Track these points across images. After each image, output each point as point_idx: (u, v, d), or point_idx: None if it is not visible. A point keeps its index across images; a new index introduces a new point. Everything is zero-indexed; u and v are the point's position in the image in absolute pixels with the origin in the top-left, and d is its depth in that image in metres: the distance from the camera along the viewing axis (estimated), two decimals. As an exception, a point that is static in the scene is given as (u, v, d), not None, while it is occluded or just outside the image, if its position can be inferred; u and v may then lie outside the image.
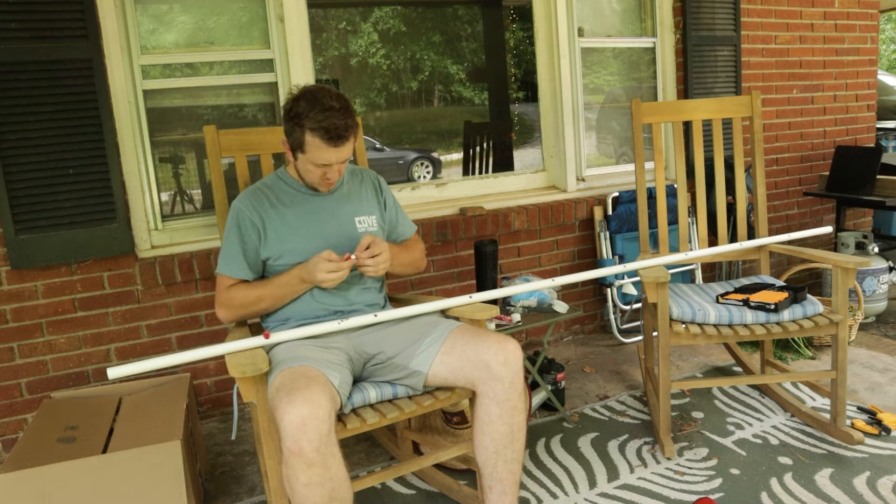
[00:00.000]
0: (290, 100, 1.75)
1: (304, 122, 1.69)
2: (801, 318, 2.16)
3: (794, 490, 1.95)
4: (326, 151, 1.72)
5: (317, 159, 1.74)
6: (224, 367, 2.62)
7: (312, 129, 1.69)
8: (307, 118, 1.69)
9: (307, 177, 1.84)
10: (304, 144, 1.73)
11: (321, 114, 1.68)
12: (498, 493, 1.72)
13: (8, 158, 2.21)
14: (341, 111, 1.70)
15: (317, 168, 1.78)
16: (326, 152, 1.73)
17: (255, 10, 2.67)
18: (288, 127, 1.75)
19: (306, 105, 1.70)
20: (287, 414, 1.39)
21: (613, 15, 3.42)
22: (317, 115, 1.68)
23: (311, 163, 1.76)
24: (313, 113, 1.68)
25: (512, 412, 1.67)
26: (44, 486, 1.65)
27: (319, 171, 1.79)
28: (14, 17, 2.17)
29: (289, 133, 1.76)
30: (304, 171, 1.82)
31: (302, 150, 1.75)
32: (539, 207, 3.09)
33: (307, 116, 1.69)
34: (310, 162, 1.76)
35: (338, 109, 1.70)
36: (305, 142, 1.72)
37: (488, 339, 1.68)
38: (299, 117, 1.70)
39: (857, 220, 4.15)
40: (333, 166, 1.78)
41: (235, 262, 1.83)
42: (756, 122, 2.54)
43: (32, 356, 2.39)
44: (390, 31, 8.34)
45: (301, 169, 1.83)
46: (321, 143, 1.71)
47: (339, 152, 1.74)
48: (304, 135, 1.71)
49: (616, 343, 3.24)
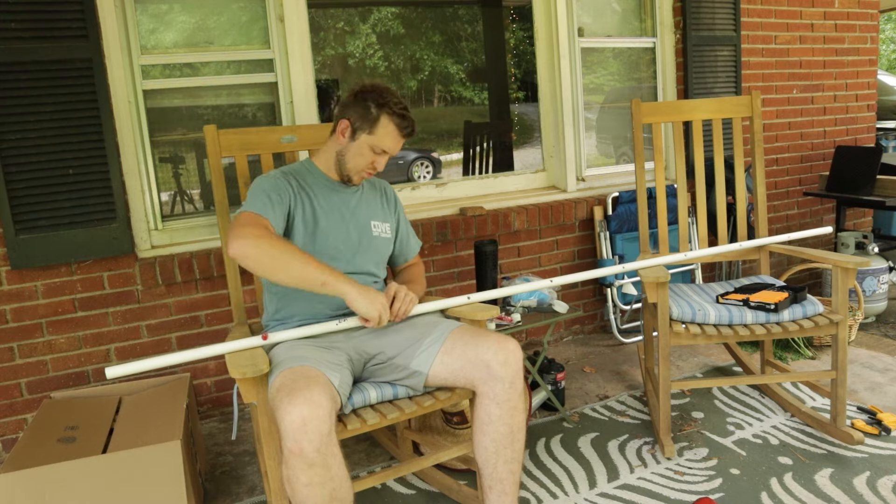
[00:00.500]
0: (364, 85, 1.81)
1: (387, 104, 1.76)
2: (801, 318, 2.16)
3: (794, 490, 1.95)
4: (394, 139, 1.79)
5: (381, 143, 1.79)
6: (224, 367, 2.62)
7: (392, 114, 1.76)
8: (389, 102, 1.76)
9: (353, 161, 1.83)
10: (375, 125, 1.77)
11: (400, 104, 1.78)
12: (498, 493, 1.72)
13: (8, 158, 2.21)
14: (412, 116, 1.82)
15: (372, 154, 1.81)
16: (393, 140, 1.80)
17: (254, 10, 2.67)
18: (360, 106, 1.78)
19: (386, 92, 1.78)
20: (288, 414, 1.39)
21: (613, 15, 3.42)
22: (397, 103, 1.77)
23: (372, 147, 1.80)
24: (394, 100, 1.77)
25: (512, 412, 1.67)
26: (44, 486, 1.65)
27: (371, 159, 1.82)
28: (14, 17, 2.17)
29: (360, 111, 1.78)
30: (355, 154, 1.82)
31: (370, 131, 1.78)
32: (539, 207, 3.09)
33: (389, 100, 1.76)
34: (370, 145, 1.80)
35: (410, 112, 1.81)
36: (379, 123, 1.77)
37: (488, 339, 1.68)
38: (382, 96, 1.76)
39: (857, 220, 4.15)
40: (384, 157, 1.83)
41: (269, 205, 1.71)
42: (756, 122, 2.54)
43: (32, 356, 2.39)
44: (389, 32, 8.34)
45: (353, 152, 1.82)
46: (394, 130, 1.78)
47: (398, 145, 1.82)
48: (380, 116, 1.76)
49: (616, 343, 3.24)
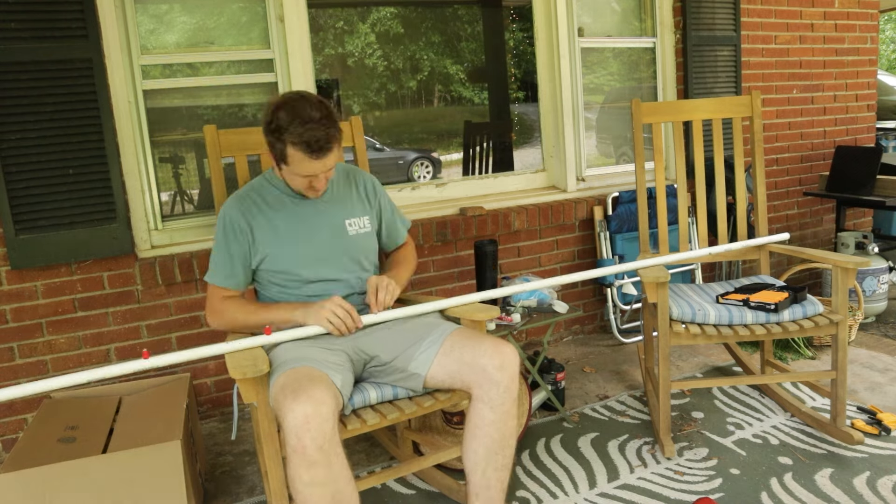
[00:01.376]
0: (270, 111, 1.69)
1: (285, 136, 1.64)
2: (801, 318, 2.16)
3: (794, 490, 1.95)
4: (310, 164, 1.68)
5: (301, 171, 1.71)
6: (224, 367, 2.62)
7: (294, 143, 1.64)
8: (287, 132, 1.64)
9: (294, 185, 1.81)
10: (286, 157, 1.68)
11: (301, 126, 1.63)
12: (484, 500, 1.70)
13: (8, 158, 2.21)
14: (322, 121, 1.65)
15: (303, 178, 1.74)
16: (310, 164, 1.68)
17: (254, 10, 2.67)
18: (269, 139, 1.70)
19: (286, 117, 1.64)
20: (291, 412, 1.39)
21: (613, 15, 3.42)
22: (297, 129, 1.63)
23: (297, 174, 1.73)
24: (293, 126, 1.63)
25: (505, 418, 1.66)
26: (44, 486, 1.65)
27: (305, 181, 1.75)
28: (14, 17, 2.17)
29: (271, 145, 1.71)
30: (289, 180, 1.79)
31: (285, 163, 1.71)
32: (539, 207, 3.09)
33: (287, 130, 1.64)
34: (294, 174, 1.73)
35: (318, 120, 1.64)
36: (288, 155, 1.67)
37: (485, 342, 1.68)
38: (280, 131, 1.65)
39: (857, 220, 4.15)
40: (319, 176, 1.74)
41: (224, 271, 1.82)
42: (756, 122, 2.54)
43: (32, 356, 2.39)
44: (389, 32, 8.34)
45: (287, 179, 1.79)
46: (303, 157, 1.66)
47: (324, 163, 1.70)
48: (285, 148, 1.66)
49: (616, 343, 3.24)
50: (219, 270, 1.82)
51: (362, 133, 2.28)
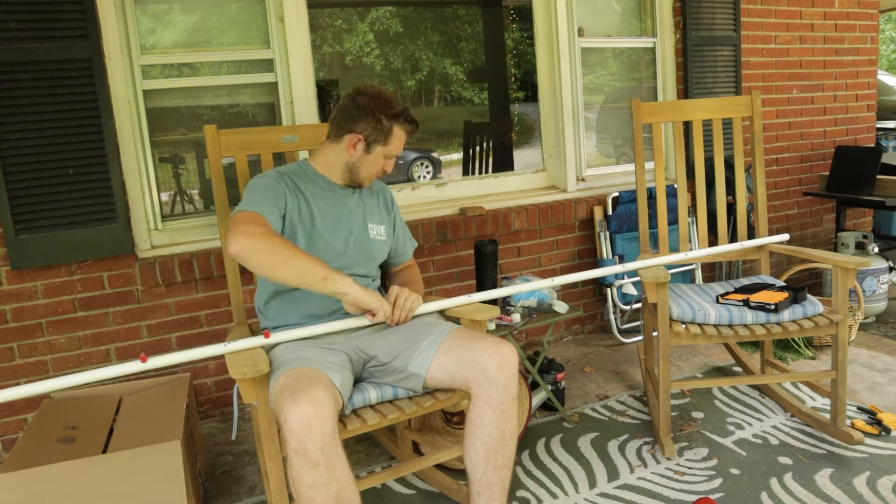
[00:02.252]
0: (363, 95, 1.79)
1: (397, 114, 1.78)
2: (801, 318, 2.16)
3: (794, 490, 1.95)
4: (403, 143, 1.84)
5: (395, 150, 1.83)
6: (224, 367, 2.62)
7: (403, 122, 1.80)
8: (393, 111, 1.78)
9: (367, 169, 1.85)
10: (390, 136, 1.80)
11: (400, 107, 1.80)
12: (486, 498, 1.71)
13: (8, 158, 2.21)
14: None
15: (384, 160, 1.85)
16: (402, 144, 1.84)
17: (254, 9, 2.67)
18: (371, 120, 1.78)
19: (385, 101, 1.78)
20: (291, 413, 1.39)
21: (613, 15, 3.42)
22: (400, 108, 1.79)
23: (386, 154, 1.83)
24: (400, 107, 1.79)
25: (504, 417, 1.67)
26: (44, 486, 1.65)
27: (383, 164, 1.85)
28: (14, 17, 2.17)
29: (371, 125, 1.78)
30: (371, 164, 1.84)
31: (385, 143, 1.81)
32: (539, 207, 3.09)
33: (392, 109, 1.78)
34: (385, 154, 1.83)
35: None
36: (393, 133, 1.80)
37: (484, 342, 1.68)
38: (391, 107, 1.77)
39: (857, 220, 4.15)
40: (393, 159, 1.87)
41: (267, 203, 1.72)
42: (756, 122, 2.54)
43: (32, 356, 2.39)
44: (388, 31, 8.33)
45: (369, 163, 1.83)
46: (404, 136, 1.83)
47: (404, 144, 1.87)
48: (393, 127, 1.79)
49: (616, 343, 3.24)
50: (257, 201, 1.72)
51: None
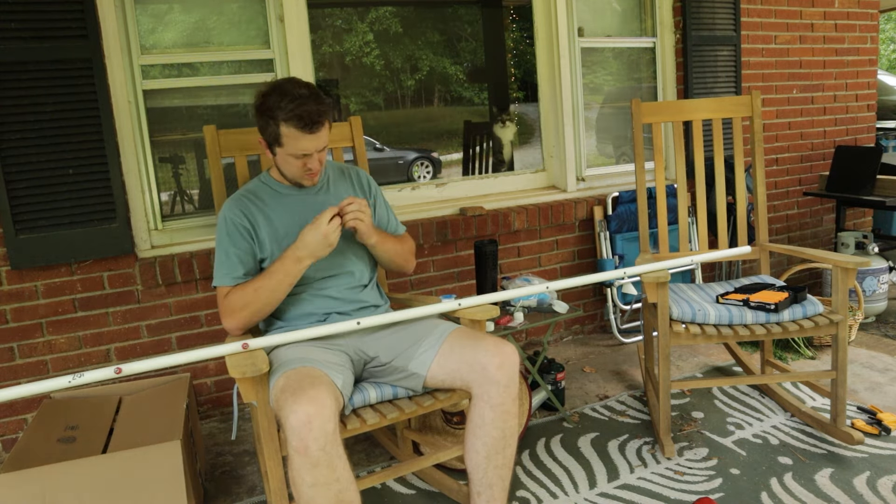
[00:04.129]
0: (260, 95, 1.74)
1: (277, 114, 1.69)
2: (801, 318, 2.16)
3: (794, 490, 1.95)
4: (303, 140, 1.71)
5: (295, 149, 1.74)
6: (224, 367, 2.61)
7: (286, 120, 1.69)
8: (279, 109, 1.68)
9: (288, 171, 1.82)
10: (280, 137, 1.72)
11: (291, 103, 1.68)
12: (486, 498, 1.70)
13: (8, 158, 2.21)
14: (312, 97, 1.70)
15: (297, 160, 1.77)
16: (303, 140, 1.72)
17: (254, 9, 2.67)
18: (261, 123, 1.75)
19: (276, 97, 1.70)
20: (293, 412, 1.39)
21: (613, 15, 3.41)
22: (287, 105, 1.68)
23: (291, 155, 1.75)
24: (284, 103, 1.68)
25: (505, 416, 1.66)
26: (44, 486, 1.65)
27: (299, 163, 1.78)
28: (14, 17, 2.17)
29: (263, 129, 1.75)
30: (284, 165, 1.81)
31: (279, 144, 1.74)
32: (539, 207, 3.09)
33: (278, 107, 1.68)
34: (289, 154, 1.75)
35: (308, 96, 1.70)
36: (281, 134, 1.72)
37: (485, 341, 1.68)
38: (271, 110, 1.70)
39: (857, 220, 4.15)
40: (313, 155, 1.77)
41: (230, 270, 1.78)
42: (756, 122, 2.54)
43: (32, 356, 2.39)
44: (388, 31, 8.33)
45: (281, 164, 1.81)
46: (297, 132, 1.70)
47: (316, 139, 1.73)
48: (278, 127, 1.70)
49: (616, 343, 3.24)
50: (225, 272, 1.79)
51: (362, 133, 2.29)
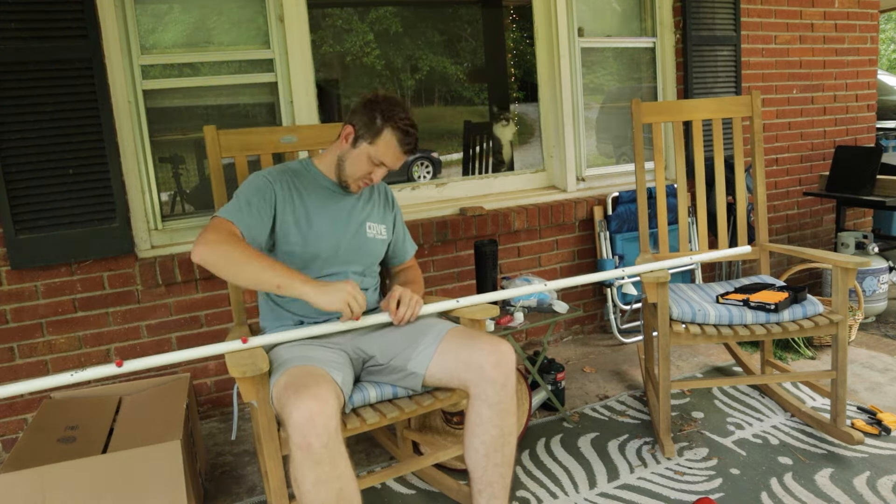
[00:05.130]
0: (378, 95, 1.78)
1: (394, 118, 1.74)
2: (801, 318, 2.16)
3: (794, 490, 1.95)
4: (394, 153, 1.77)
5: (379, 155, 1.76)
6: (224, 367, 2.62)
7: (395, 128, 1.74)
8: (397, 116, 1.74)
9: (352, 169, 1.80)
10: (378, 136, 1.75)
11: (408, 120, 1.76)
12: (487, 497, 1.71)
13: (8, 158, 2.21)
14: (416, 130, 1.79)
15: (370, 165, 1.79)
16: (393, 154, 1.77)
17: (254, 9, 2.67)
18: (367, 115, 1.76)
19: (395, 106, 1.75)
20: (295, 409, 1.39)
21: (613, 15, 3.42)
22: (404, 118, 1.75)
23: (370, 157, 1.77)
24: (402, 114, 1.75)
25: (503, 415, 1.66)
26: (44, 486, 1.65)
27: (368, 169, 1.79)
28: (14, 17, 2.17)
29: (365, 120, 1.76)
30: (353, 161, 1.79)
31: (371, 141, 1.76)
32: (539, 207, 3.09)
33: (395, 114, 1.74)
34: (369, 155, 1.77)
35: (415, 126, 1.78)
36: (381, 135, 1.75)
37: (481, 340, 1.68)
38: (391, 109, 1.74)
39: (857, 220, 4.15)
40: (382, 170, 1.80)
41: (240, 215, 1.69)
42: (756, 122, 2.54)
43: (32, 356, 2.39)
44: (388, 31, 8.33)
45: (352, 159, 1.79)
46: (395, 144, 1.75)
47: (399, 161, 1.79)
48: (384, 128, 1.74)
49: (616, 343, 3.24)
50: (234, 212, 1.70)
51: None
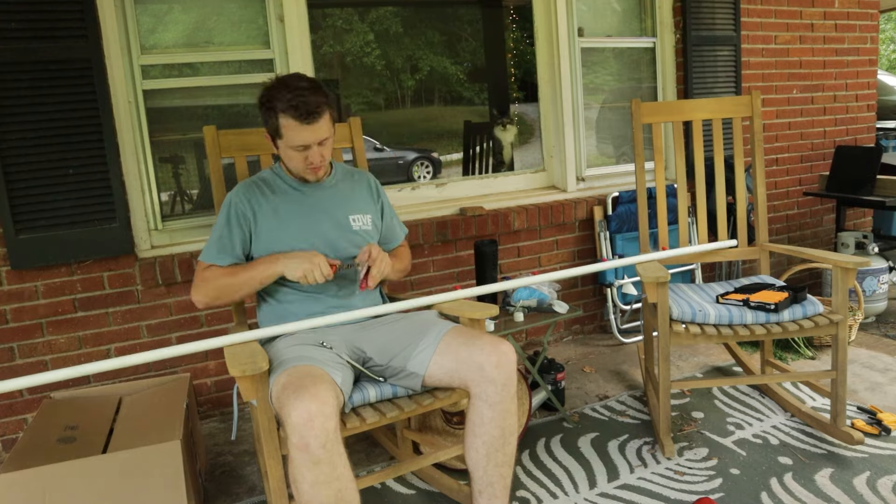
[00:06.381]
0: (263, 89, 1.78)
1: (276, 105, 1.73)
2: (801, 318, 2.16)
3: (794, 490, 1.95)
4: (301, 131, 1.74)
5: (294, 141, 1.76)
6: (224, 368, 2.62)
7: (284, 110, 1.72)
8: (277, 100, 1.72)
9: (291, 165, 1.85)
10: (279, 128, 1.76)
11: (289, 93, 1.72)
12: (488, 496, 1.71)
13: (8, 158, 2.21)
14: (311, 90, 1.73)
15: (297, 153, 1.79)
16: (302, 132, 1.74)
17: (254, 9, 2.67)
18: (264, 116, 1.78)
19: (277, 90, 1.74)
20: (294, 409, 1.39)
21: (613, 15, 3.41)
22: (286, 96, 1.72)
23: (291, 147, 1.78)
24: (282, 94, 1.72)
25: (504, 415, 1.66)
26: (44, 486, 1.65)
27: (300, 156, 1.80)
28: (14, 17, 2.17)
29: (266, 122, 1.79)
30: (287, 159, 1.84)
31: (279, 136, 1.78)
32: (539, 207, 3.09)
33: (277, 98, 1.73)
34: (289, 147, 1.78)
35: (307, 88, 1.73)
36: (280, 125, 1.75)
37: (482, 340, 1.68)
38: (271, 101, 1.74)
39: (857, 220, 4.15)
40: (313, 148, 1.79)
41: (218, 252, 1.83)
42: (756, 122, 2.54)
43: (32, 356, 2.39)
44: (388, 31, 8.33)
45: (285, 158, 1.85)
46: (294, 123, 1.73)
47: (315, 131, 1.75)
48: (277, 118, 1.74)
49: (616, 343, 3.24)
50: (212, 248, 1.84)
51: (361, 134, 2.28)
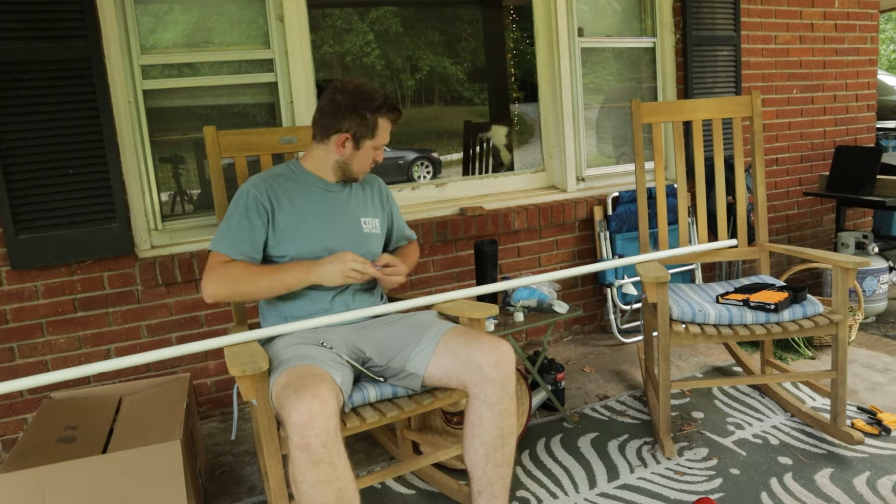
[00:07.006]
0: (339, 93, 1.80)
1: (370, 106, 1.79)
2: (801, 318, 2.16)
3: (794, 490, 1.95)
4: (389, 130, 1.87)
5: (383, 139, 1.86)
6: (224, 368, 2.62)
7: (386, 113, 1.82)
8: (371, 102, 1.79)
9: (359, 165, 1.88)
10: (376, 129, 1.82)
11: (377, 95, 1.80)
12: (487, 497, 1.71)
13: (8, 158, 2.21)
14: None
15: (374, 153, 1.87)
16: (388, 131, 1.87)
17: (254, 9, 2.67)
18: (355, 117, 1.80)
19: (372, 94, 1.80)
20: (295, 409, 1.39)
21: (613, 15, 3.42)
22: (379, 98, 1.80)
23: (374, 147, 1.85)
24: (380, 97, 1.80)
25: (502, 415, 1.66)
26: (44, 486, 1.65)
27: (373, 157, 1.88)
28: (14, 17, 2.17)
29: (356, 122, 1.80)
30: (359, 159, 1.87)
31: (372, 136, 1.83)
32: (539, 207, 3.09)
33: (368, 100, 1.79)
34: (373, 147, 1.85)
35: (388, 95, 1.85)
36: (378, 126, 1.82)
37: (481, 340, 1.68)
38: (359, 105, 1.78)
39: (857, 220, 4.15)
40: (381, 149, 1.89)
41: (235, 242, 1.77)
42: (756, 122, 2.54)
43: (32, 356, 2.39)
44: (388, 31, 8.33)
45: (357, 159, 1.87)
46: (389, 125, 1.85)
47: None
48: (377, 119, 1.81)
49: (616, 343, 3.24)
50: (229, 241, 1.77)
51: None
